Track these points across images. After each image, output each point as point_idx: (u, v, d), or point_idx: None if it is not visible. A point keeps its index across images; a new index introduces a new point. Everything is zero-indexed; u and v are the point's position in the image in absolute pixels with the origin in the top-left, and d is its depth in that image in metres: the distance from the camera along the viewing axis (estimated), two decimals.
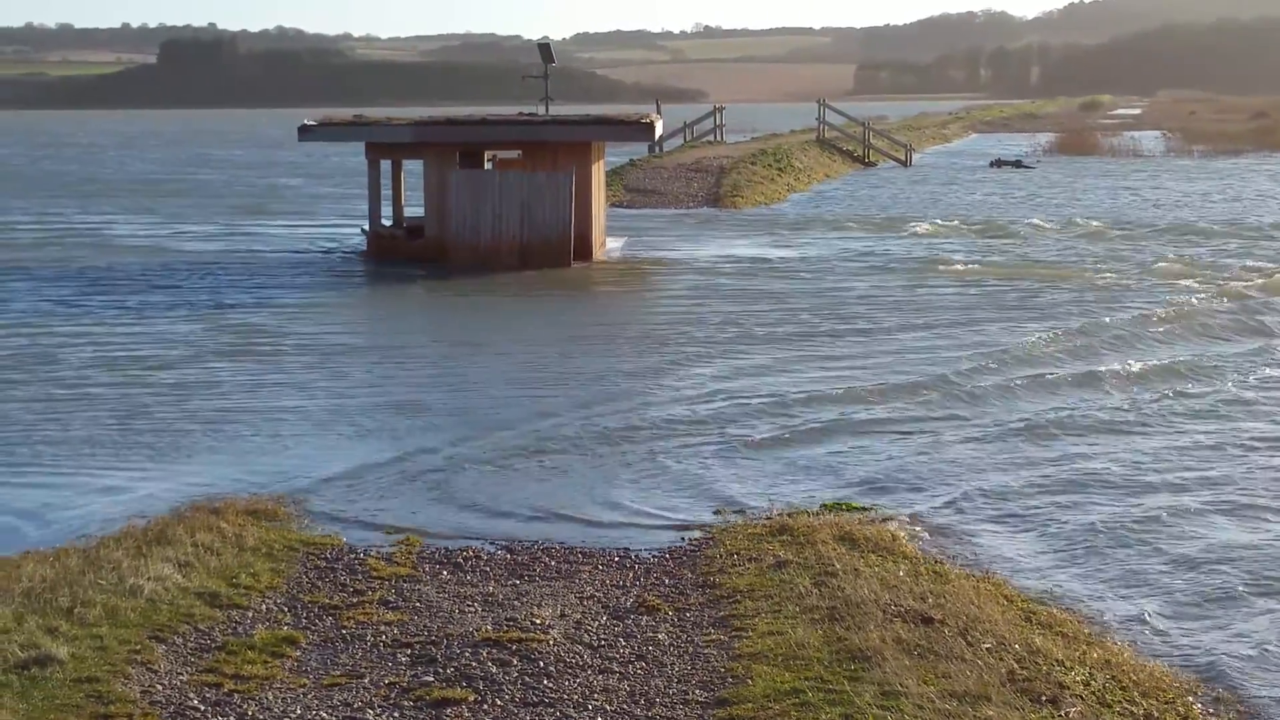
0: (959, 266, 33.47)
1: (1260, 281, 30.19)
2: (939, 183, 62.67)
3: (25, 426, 18.29)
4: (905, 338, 24.31)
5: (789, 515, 14.02)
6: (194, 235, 42.71)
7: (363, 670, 10.17)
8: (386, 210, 37.00)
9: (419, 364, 22.44)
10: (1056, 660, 10.19)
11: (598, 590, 11.99)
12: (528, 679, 9.96)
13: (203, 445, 17.35)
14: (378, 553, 13.04)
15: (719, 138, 77.19)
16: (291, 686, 9.85)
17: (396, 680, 9.97)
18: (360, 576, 12.31)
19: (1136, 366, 21.63)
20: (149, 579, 11.57)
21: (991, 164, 73.36)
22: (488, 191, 33.69)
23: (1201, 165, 72.71)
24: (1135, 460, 16.48)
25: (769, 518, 14.00)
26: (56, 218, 48.88)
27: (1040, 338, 23.85)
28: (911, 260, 35.00)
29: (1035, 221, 43.65)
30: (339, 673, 10.12)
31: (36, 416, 18.83)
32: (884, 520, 14.08)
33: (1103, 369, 21.50)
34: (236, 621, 11.11)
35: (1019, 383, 20.56)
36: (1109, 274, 31.79)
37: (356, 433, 17.94)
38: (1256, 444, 17.23)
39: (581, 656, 10.39)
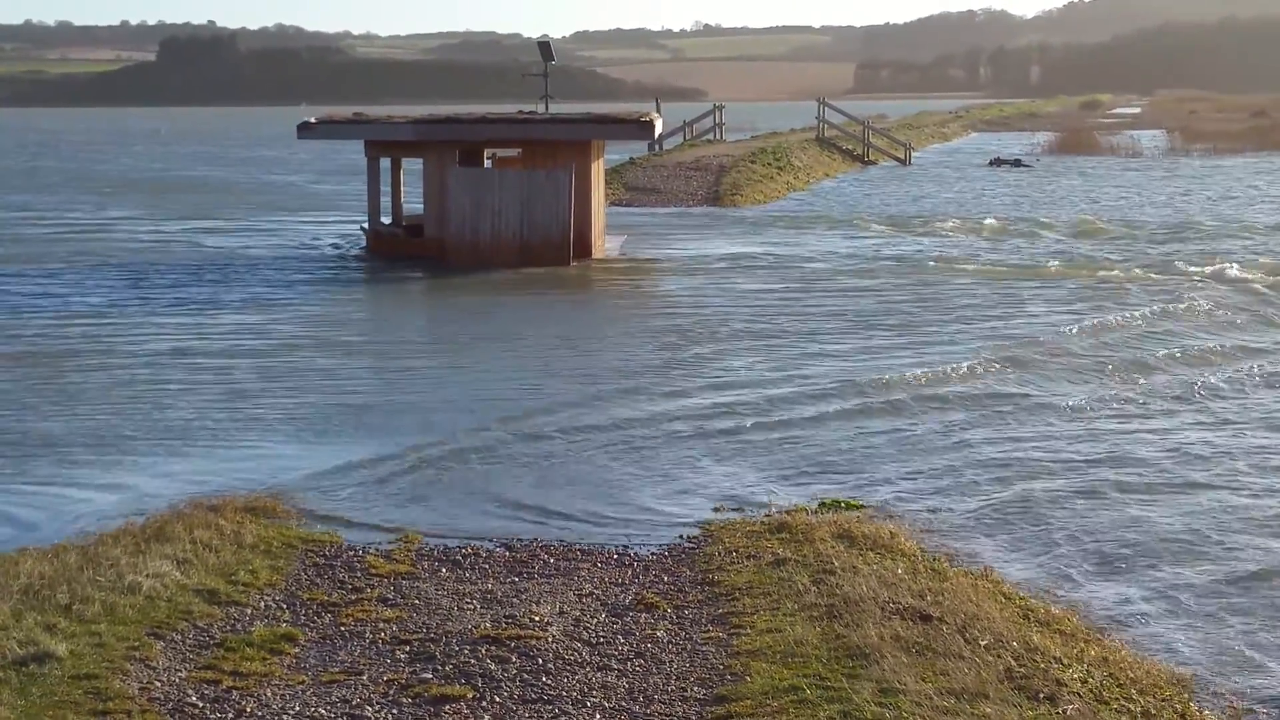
0: (961, 265, 33.47)
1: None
2: (938, 182, 62.69)
3: (23, 422, 18.29)
4: (907, 334, 24.31)
5: (787, 513, 14.03)
6: (192, 231, 42.71)
7: (361, 667, 10.17)
8: (387, 207, 37.04)
9: (418, 361, 22.45)
10: (1054, 658, 10.20)
11: (596, 588, 11.99)
12: (526, 676, 9.96)
13: (201, 442, 17.35)
14: (376, 550, 13.05)
15: (718, 136, 77.20)
16: (290, 683, 9.85)
17: (395, 677, 9.97)
18: (359, 574, 12.32)
19: (1154, 364, 21.65)
20: (147, 576, 11.57)
21: (990, 163, 73.37)
22: (487, 190, 33.69)
23: (1203, 165, 72.66)
24: (1139, 461, 16.48)
25: (767, 515, 14.01)
26: (75, 213, 48.88)
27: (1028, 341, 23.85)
28: (913, 258, 34.99)
29: (1042, 219, 43.63)
30: (338, 670, 10.12)
31: (34, 413, 18.84)
32: (883, 518, 14.08)
33: (1103, 369, 21.52)
34: (235, 618, 11.12)
35: (1019, 384, 20.57)
36: (1113, 271, 31.81)
37: (355, 430, 17.94)
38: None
39: (580, 654, 10.40)
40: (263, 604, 11.47)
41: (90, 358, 22.68)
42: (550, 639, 10.65)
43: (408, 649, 10.51)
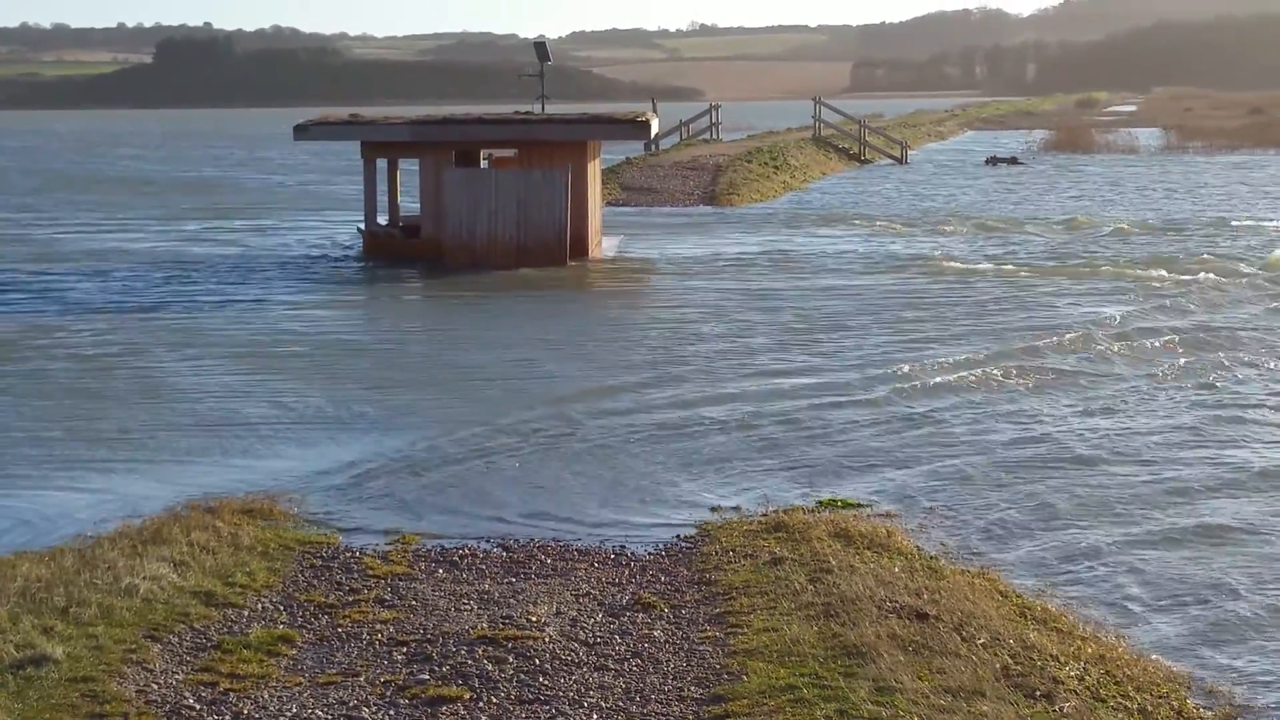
0: (957, 264, 33.47)
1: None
2: (935, 180, 62.70)
3: (17, 426, 18.29)
4: (905, 333, 24.30)
5: (784, 512, 14.04)
6: (185, 233, 42.71)
7: (359, 668, 10.18)
8: (384, 206, 37.03)
9: (414, 363, 22.46)
10: (1051, 655, 10.21)
11: (593, 588, 12.00)
12: (523, 676, 9.97)
13: (198, 444, 17.35)
14: (373, 551, 13.05)
15: (715, 136, 77.23)
16: (287, 685, 9.86)
17: (392, 678, 9.97)
18: (356, 575, 12.32)
19: (1145, 362, 21.68)
20: (144, 578, 11.57)
21: (987, 161, 73.38)
22: (483, 190, 33.68)
23: (1200, 161, 72.71)
24: (1136, 457, 16.49)
25: (764, 514, 14.02)
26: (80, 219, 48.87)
27: (1027, 345, 23.85)
28: (909, 256, 35.00)
29: (1040, 218, 43.66)
30: (335, 671, 10.12)
31: (27, 416, 18.83)
32: (879, 516, 14.10)
33: (1106, 372, 21.55)
34: (232, 620, 11.12)
35: (1016, 383, 20.59)
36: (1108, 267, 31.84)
37: (352, 431, 17.94)
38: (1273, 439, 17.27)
39: (577, 654, 10.40)
40: (260, 606, 11.48)
41: (83, 359, 22.66)
42: (547, 639, 10.65)
43: (405, 650, 10.52)
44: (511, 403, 19.32)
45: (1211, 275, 30.52)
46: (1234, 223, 41.95)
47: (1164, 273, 31.12)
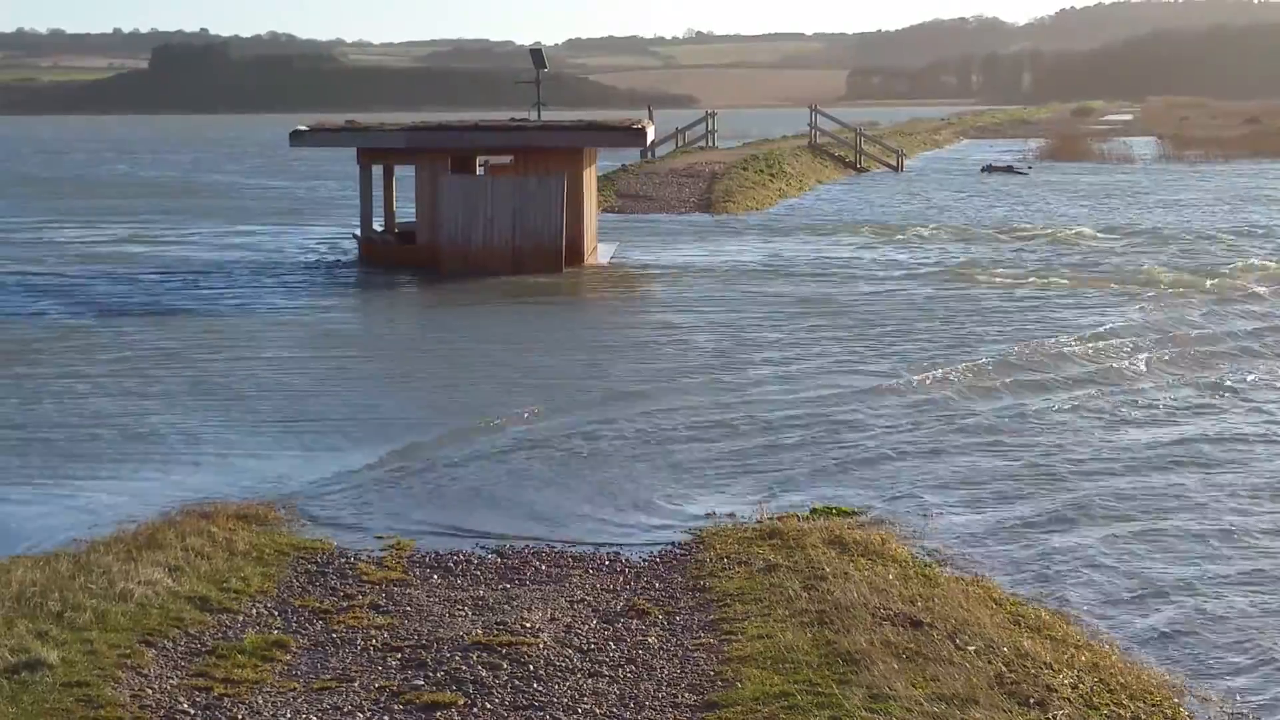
0: (963, 271, 33.53)
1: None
2: (931, 188, 62.75)
3: (13, 430, 18.30)
4: (903, 339, 24.33)
5: (779, 519, 14.05)
6: (181, 237, 42.72)
7: (353, 674, 10.18)
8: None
9: (409, 368, 22.46)
10: (1045, 663, 10.22)
11: (588, 594, 12.00)
12: (518, 682, 9.97)
13: (193, 449, 17.35)
14: (368, 557, 13.05)
15: (711, 143, 77.23)
16: (282, 690, 9.86)
17: (387, 684, 9.98)
18: (350, 581, 12.32)
19: (1143, 369, 21.71)
20: (139, 583, 11.57)
21: (984, 169, 73.45)
22: (479, 197, 33.70)
23: (1196, 170, 72.78)
24: (1128, 463, 16.52)
25: (759, 521, 14.02)
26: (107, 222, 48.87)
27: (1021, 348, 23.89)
28: (910, 264, 35.03)
29: (1077, 226, 43.68)
30: (329, 677, 10.13)
31: (24, 420, 18.84)
32: (874, 524, 14.11)
33: (1095, 378, 21.59)
34: (227, 626, 11.12)
35: (1010, 389, 20.62)
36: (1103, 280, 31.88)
37: (347, 437, 17.95)
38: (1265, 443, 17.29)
39: (571, 660, 10.41)
40: (254, 611, 11.48)
41: (84, 364, 22.66)
42: (541, 645, 10.66)
43: (399, 656, 10.52)
44: (507, 409, 19.32)
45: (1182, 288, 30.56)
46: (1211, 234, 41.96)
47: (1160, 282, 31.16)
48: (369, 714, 9.50)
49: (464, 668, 10.22)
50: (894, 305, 28.61)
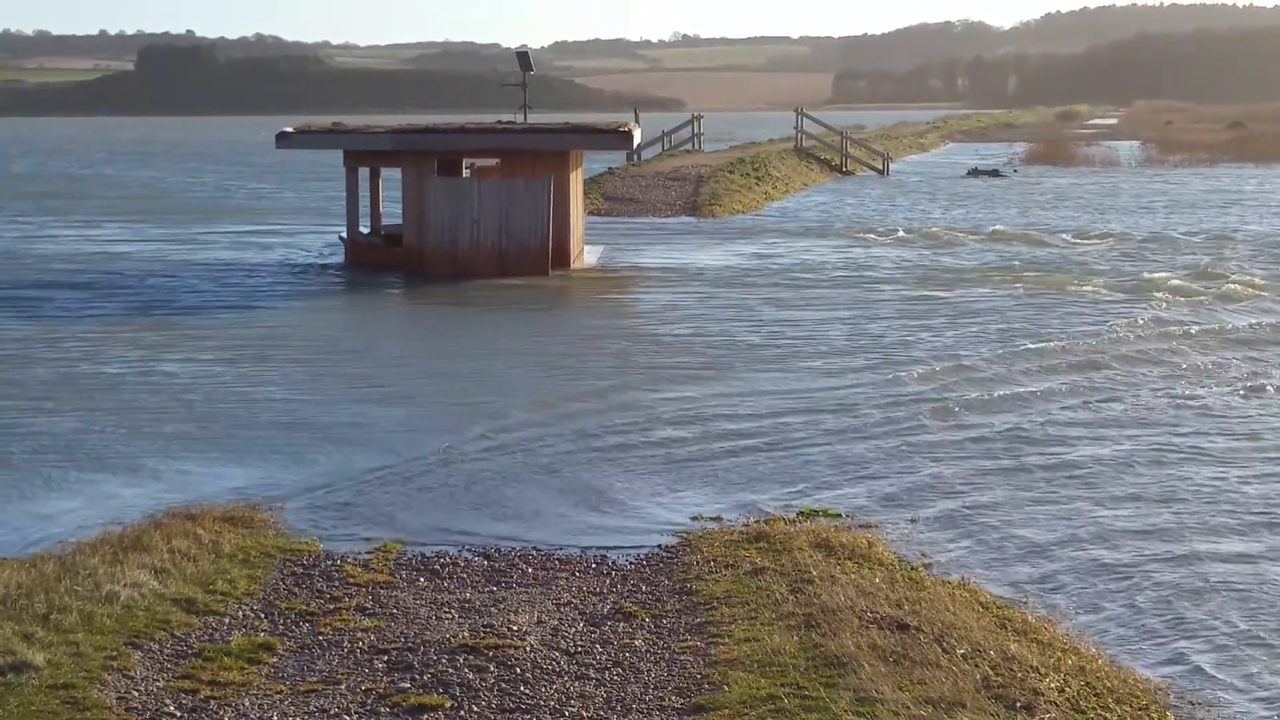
0: (946, 271, 33.57)
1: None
2: (916, 192, 62.83)
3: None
4: (888, 342, 24.34)
5: (766, 522, 14.05)
6: (166, 240, 42.65)
7: (339, 677, 10.17)
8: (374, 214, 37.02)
9: (396, 371, 22.43)
10: (1031, 667, 10.23)
11: (575, 597, 12.00)
12: (504, 685, 9.97)
13: (177, 452, 17.32)
14: (355, 559, 13.04)
15: (697, 146, 77.30)
16: (268, 693, 9.85)
17: (373, 687, 9.97)
18: (337, 583, 12.31)
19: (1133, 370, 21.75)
20: (125, 585, 11.55)
21: (969, 173, 73.57)
22: (466, 200, 33.69)
23: (1184, 174, 72.93)
24: (1119, 470, 16.53)
25: (746, 524, 14.03)
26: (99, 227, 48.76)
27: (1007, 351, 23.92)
28: (891, 265, 35.07)
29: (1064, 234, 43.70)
30: (315, 679, 10.12)
31: (9, 423, 18.82)
32: (860, 527, 14.12)
33: (1085, 377, 21.62)
34: (213, 628, 11.11)
35: (995, 391, 20.64)
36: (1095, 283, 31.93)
37: (333, 440, 17.92)
38: (1245, 455, 17.31)
39: (558, 663, 10.41)
40: (241, 613, 11.47)
41: (65, 366, 22.62)
42: (528, 648, 10.65)
43: (386, 658, 10.51)
44: (494, 412, 19.31)
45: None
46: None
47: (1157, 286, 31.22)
48: (355, 716, 9.50)
49: (451, 670, 10.22)
50: (882, 307, 28.62)
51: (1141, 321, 26.50)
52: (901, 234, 43.14)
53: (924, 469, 16.56)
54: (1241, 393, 20.55)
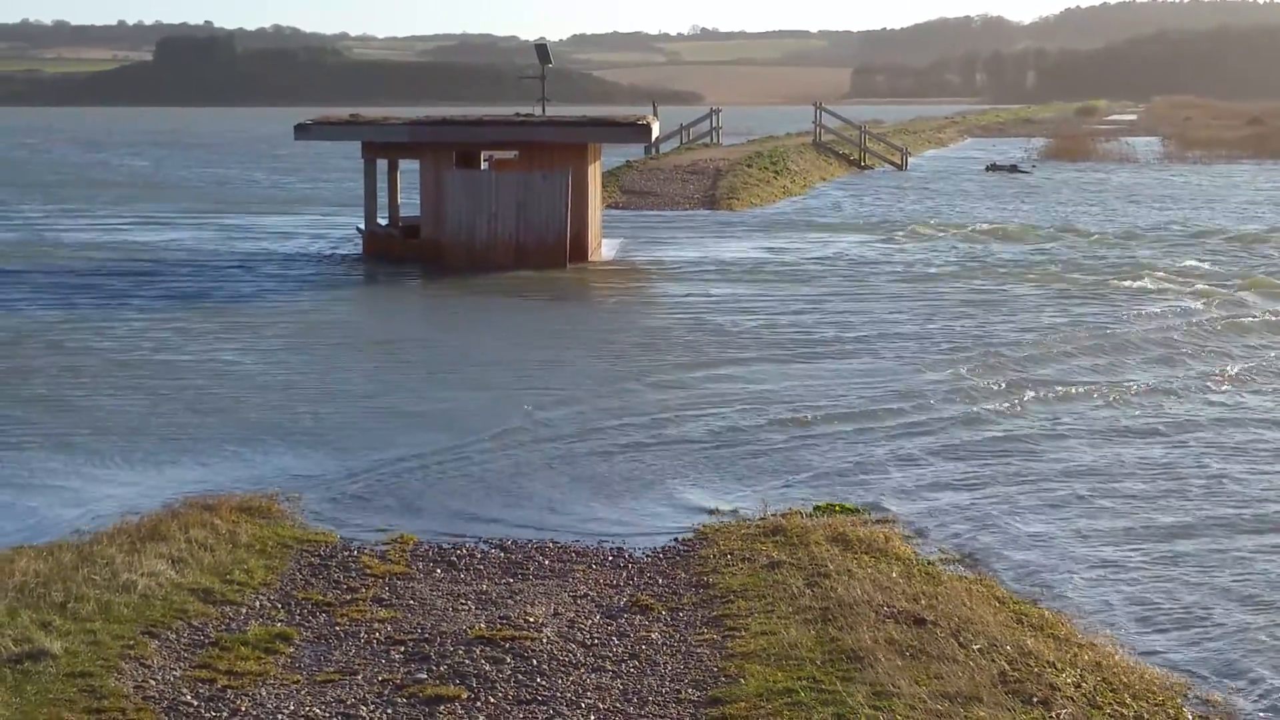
0: (954, 267, 33.51)
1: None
2: (935, 187, 62.68)
3: (13, 422, 18.30)
4: (909, 338, 24.31)
5: (782, 516, 14.05)
6: (184, 231, 42.71)
7: (356, 667, 10.19)
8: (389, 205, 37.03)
9: (412, 364, 22.46)
10: (1048, 662, 10.22)
11: (591, 589, 12.01)
12: (521, 677, 9.98)
13: (195, 442, 17.35)
14: (371, 550, 13.06)
15: (715, 140, 77.25)
16: (285, 683, 9.87)
17: (390, 677, 9.98)
18: (354, 574, 12.33)
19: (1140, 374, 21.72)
20: (142, 575, 11.58)
21: (988, 168, 73.41)
22: (484, 192, 33.70)
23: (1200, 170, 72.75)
24: (1135, 465, 16.50)
25: (762, 518, 14.02)
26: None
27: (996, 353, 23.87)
28: (910, 261, 35.02)
29: (1076, 226, 43.59)
30: (332, 669, 10.13)
31: (22, 413, 18.85)
32: (877, 522, 14.10)
33: (1094, 377, 21.59)
34: (230, 618, 11.13)
35: (1012, 390, 20.61)
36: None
37: (350, 431, 17.94)
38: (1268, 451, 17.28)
39: (575, 655, 10.41)
40: (258, 603, 11.49)
41: (85, 356, 22.67)
42: (545, 640, 10.66)
43: (402, 649, 10.53)
44: (511, 404, 19.32)
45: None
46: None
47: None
48: (372, 707, 9.51)
49: (467, 662, 10.23)
50: (901, 302, 28.57)
51: (1185, 319, 26.43)
52: (923, 229, 42.99)
53: (940, 465, 16.53)
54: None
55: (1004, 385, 20.68)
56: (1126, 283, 31.01)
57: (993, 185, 63.34)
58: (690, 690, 9.80)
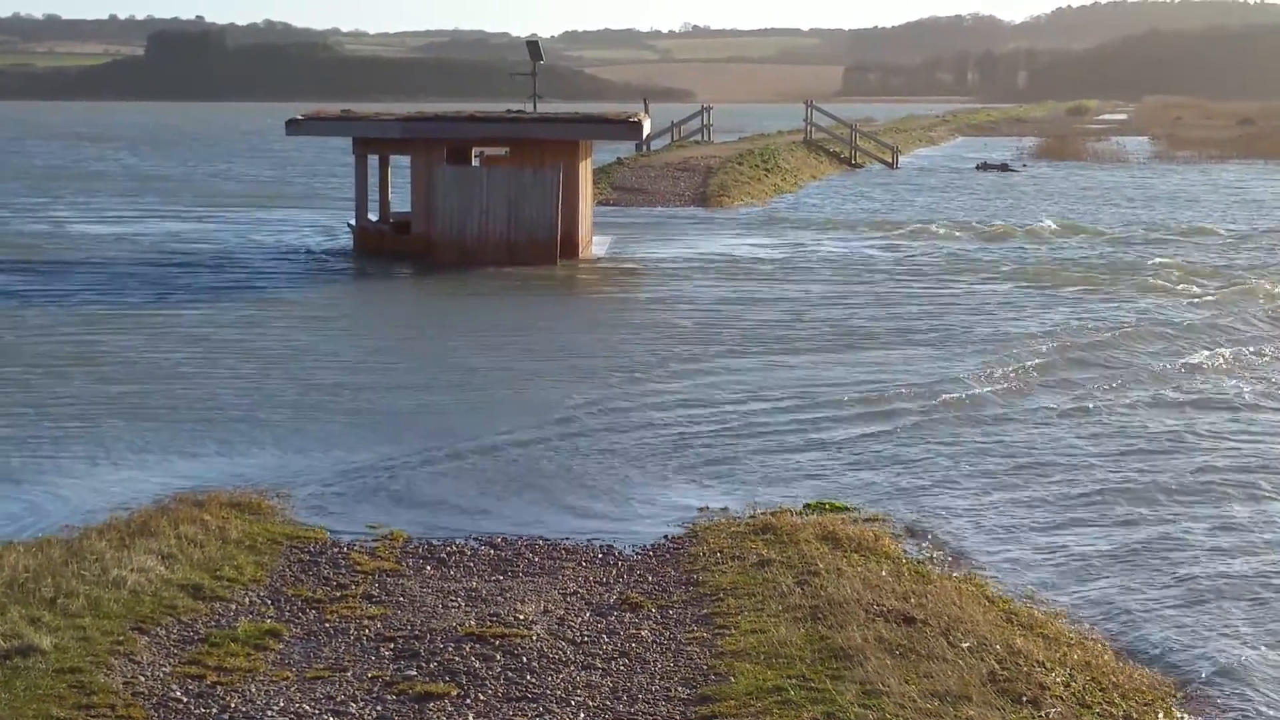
0: (940, 262, 33.54)
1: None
2: (925, 185, 62.72)
3: (6, 418, 18.29)
4: (898, 339, 24.32)
5: (772, 514, 14.05)
6: (173, 226, 42.66)
7: (346, 664, 10.19)
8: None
9: (401, 360, 22.44)
10: (1037, 661, 10.23)
11: (581, 587, 12.01)
12: (510, 674, 9.98)
13: (186, 438, 17.34)
14: (361, 547, 13.06)
15: (706, 137, 77.29)
16: (274, 679, 9.86)
17: (379, 674, 9.98)
18: (344, 570, 12.33)
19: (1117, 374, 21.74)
20: (132, 570, 11.57)
21: (977, 167, 73.47)
22: (475, 188, 33.68)
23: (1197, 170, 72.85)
24: (1127, 464, 16.52)
25: (752, 516, 14.03)
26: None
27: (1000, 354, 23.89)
28: (897, 259, 35.04)
29: (1046, 223, 43.63)
30: (322, 666, 10.13)
31: (14, 408, 18.83)
32: (867, 520, 14.11)
33: (1079, 375, 21.62)
34: (219, 614, 11.13)
35: (1003, 389, 20.63)
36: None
37: (340, 427, 17.93)
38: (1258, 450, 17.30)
39: (564, 652, 10.42)
40: (247, 600, 11.48)
41: (76, 350, 22.64)
42: (534, 637, 10.66)
43: (392, 646, 10.53)
44: (501, 402, 19.33)
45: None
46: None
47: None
48: (362, 704, 9.51)
49: (457, 659, 10.23)
50: (892, 301, 28.59)
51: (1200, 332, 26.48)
52: (915, 227, 43.01)
53: (931, 463, 16.54)
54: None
55: (998, 385, 20.68)
56: (1126, 282, 31.05)
57: (982, 183, 63.36)
58: (680, 688, 9.80)
